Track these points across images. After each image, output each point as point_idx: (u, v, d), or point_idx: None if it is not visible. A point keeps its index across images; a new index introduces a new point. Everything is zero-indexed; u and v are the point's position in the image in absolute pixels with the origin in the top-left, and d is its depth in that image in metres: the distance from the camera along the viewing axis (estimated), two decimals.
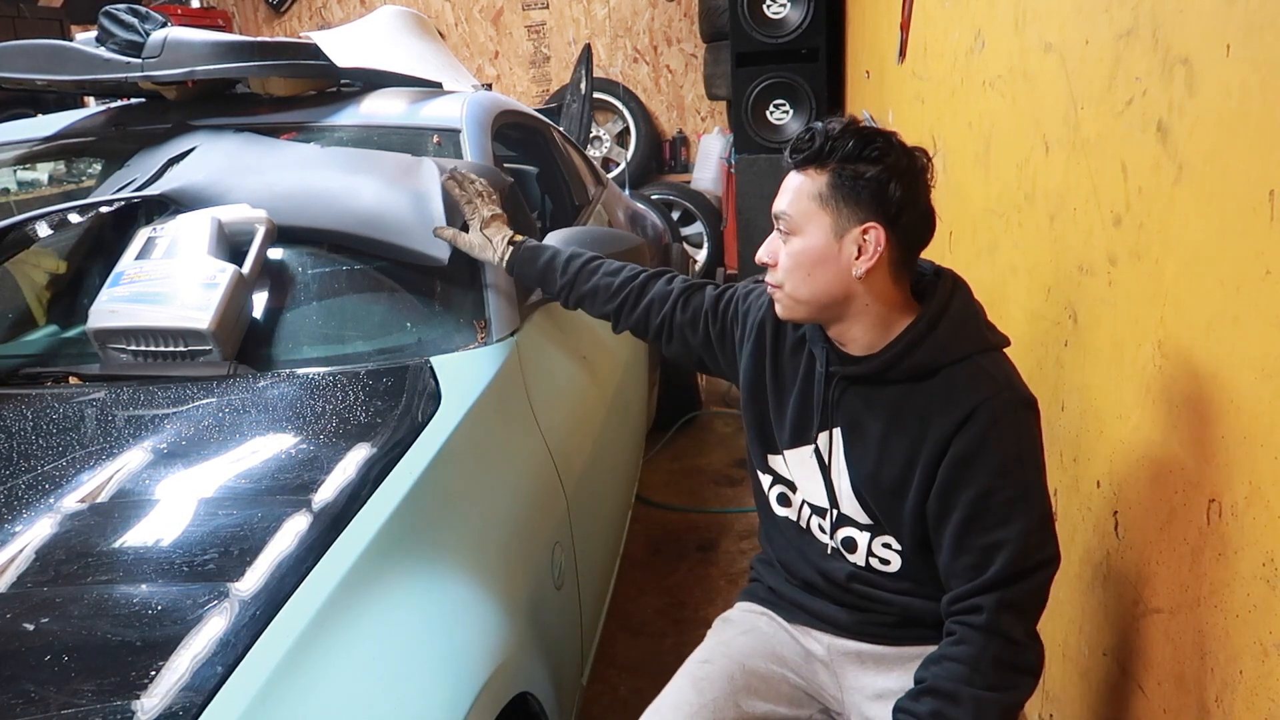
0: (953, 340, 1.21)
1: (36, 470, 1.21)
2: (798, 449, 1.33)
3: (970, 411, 1.17)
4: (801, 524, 1.38)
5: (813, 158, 1.18)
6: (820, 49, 4.22)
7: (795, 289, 1.21)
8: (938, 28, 2.46)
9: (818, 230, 1.18)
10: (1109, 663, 1.44)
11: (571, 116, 4.42)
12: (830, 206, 1.17)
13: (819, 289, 1.20)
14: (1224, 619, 1.09)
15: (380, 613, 1.05)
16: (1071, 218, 1.52)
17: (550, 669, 1.37)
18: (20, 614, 0.94)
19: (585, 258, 1.59)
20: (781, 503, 1.40)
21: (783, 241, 1.22)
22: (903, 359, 1.21)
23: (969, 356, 1.21)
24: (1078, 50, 1.49)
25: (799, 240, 1.20)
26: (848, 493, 1.29)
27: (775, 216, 1.23)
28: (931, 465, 1.20)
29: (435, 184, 1.70)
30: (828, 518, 1.33)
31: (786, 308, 1.25)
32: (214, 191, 1.73)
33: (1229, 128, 1.04)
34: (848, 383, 1.26)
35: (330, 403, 1.39)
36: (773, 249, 1.24)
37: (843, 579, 1.33)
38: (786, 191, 1.21)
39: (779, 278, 1.23)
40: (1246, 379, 1.02)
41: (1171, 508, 1.22)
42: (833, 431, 1.29)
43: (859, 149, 1.16)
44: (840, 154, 1.16)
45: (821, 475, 1.31)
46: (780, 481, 1.39)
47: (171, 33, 1.93)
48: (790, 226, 1.20)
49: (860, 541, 1.31)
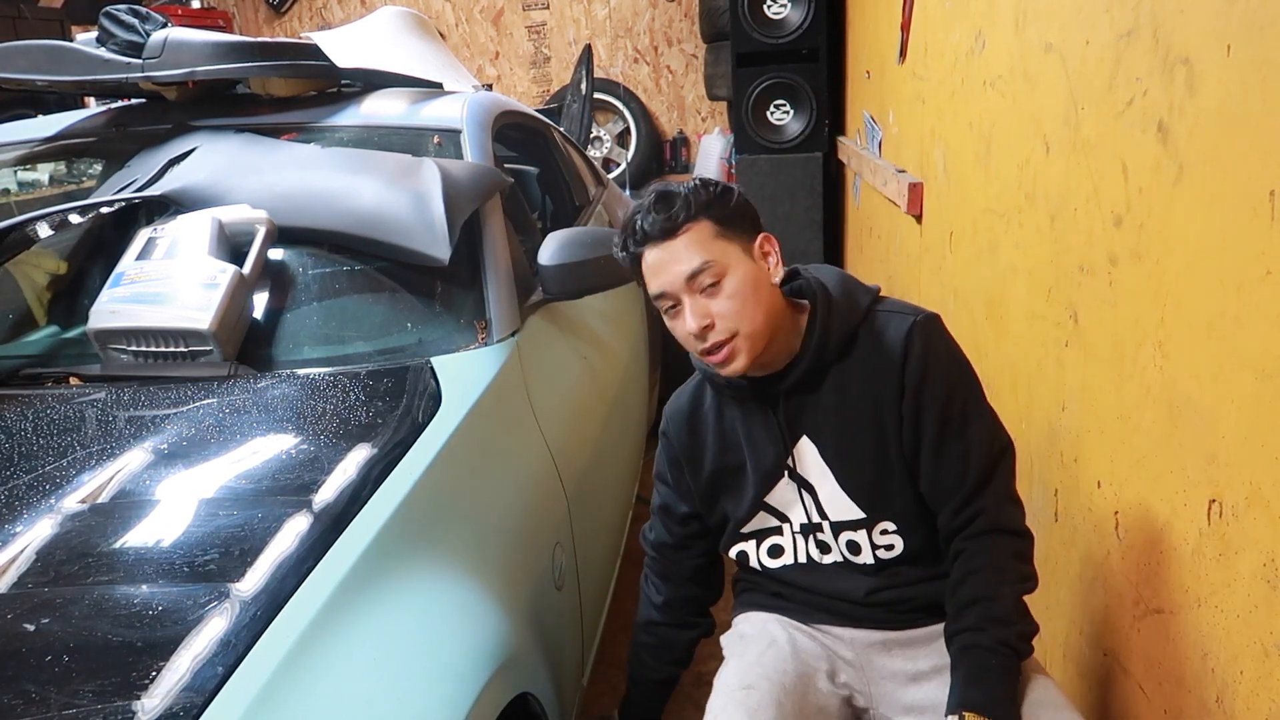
0: (850, 305, 1.29)
1: (37, 471, 1.21)
2: (775, 489, 1.34)
3: (904, 345, 1.25)
4: (800, 560, 1.37)
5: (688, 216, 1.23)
6: (821, 49, 4.22)
7: (752, 323, 1.22)
8: (938, 28, 2.46)
9: (737, 258, 1.23)
10: (1110, 663, 1.44)
11: (572, 117, 4.42)
12: (731, 236, 1.24)
13: (766, 310, 1.24)
14: (1225, 619, 1.09)
15: (381, 613, 1.05)
16: (1072, 218, 1.52)
17: (551, 669, 1.37)
18: (21, 614, 0.94)
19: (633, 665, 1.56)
20: (774, 554, 1.39)
21: (712, 295, 1.22)
22: (825, 344, 1.27)
23: (870, 309, 1.30)
24: (1078, 50, 1.49)
25: (732, 276, 1.22)
26: (834, 493, 1.31)
27: (691, 277, 1.21)
28: (894, 409, 1.27)
29: (436, 184, 1.70)
30: (825, 530, 1.34)
31: (748, 350, 1.23)
32: (214, 192, 1.73)
33: (1229, 128, 1.04)
34: (793, 395, 1.30)
35: (331, 403, 1.39)
36: (702, 311, 1.22)
37: (860, 596, 1.34)
38: (686, 249, 1.22)
39: (730, 326, 1.22)
40: (1247, 379, 1.02)
41: (1172, 508, 1.22)
42: (801, 447, 1.31)
43: (708, 194, 1.24)
44: (702, 202, 1.23)
45: (808, 495, 1.33)
46: (767, 534, 1.38)
47: (172, 33, 1.93)
48: (717, 271, 1.22)
49: (860, 540, 1.32)
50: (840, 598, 1.35)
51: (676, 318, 1.25)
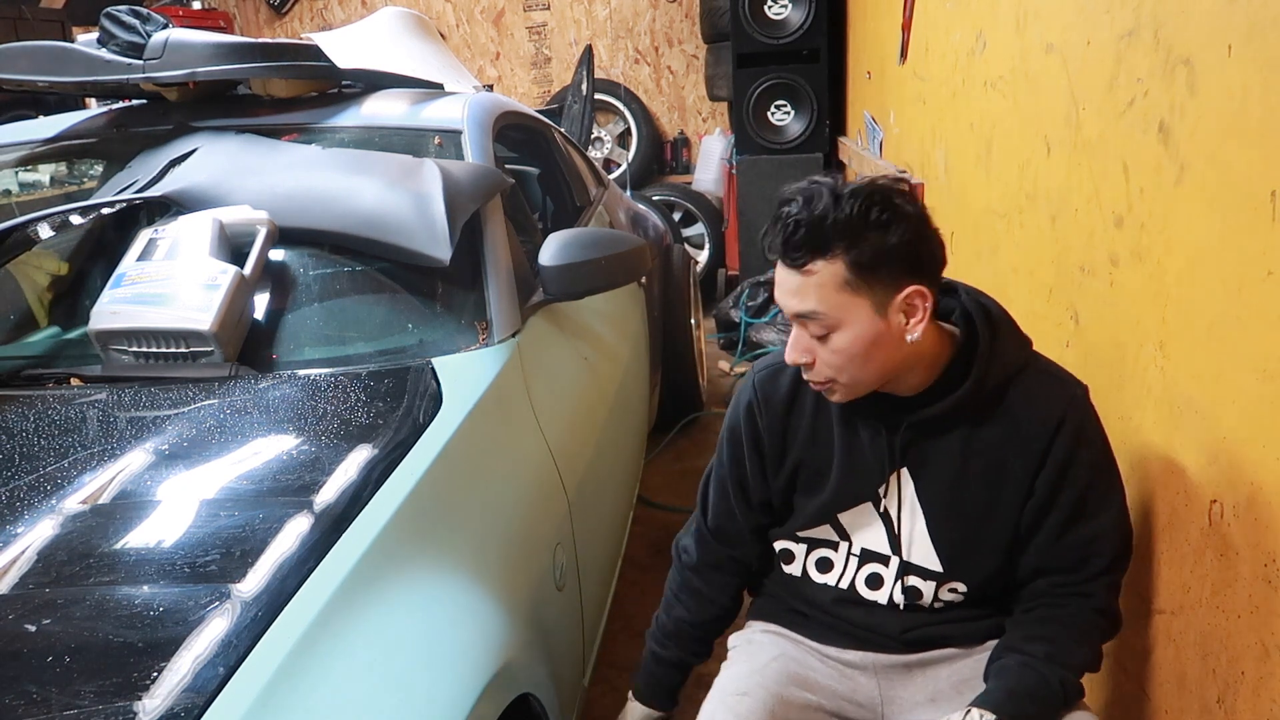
0: (1012, 353, 1.18)
1: (38, 471, 1.21)
2: (854, 509, 1.26)
3: (1061, 418, 1.16)
4: (844, 585, 1.30)
5: (815, 250, 1.07)
6: (821, 50, 4.22)
7: (856, 377, 1.14)
8: (939, 28, 2.46)
9: (860, 316, 1.09)
10: (1110, 664, 1.44)
11: (573, 117, 4.42)
12: (864, 288, 1.08)
13: (881, 367, 1.13)
14: (1226, 620, 1.09)
15: (382, 614, 1.05)
16: (1073, 218, 1.52)
17: (552, 670, 1.37)
18: (22, 615, 0.94)
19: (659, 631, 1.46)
20: (822, 568, 1.31)
21: (817, 339, 1.13)
22: (980, 389, 1.16)
23: (1027, 364, 1.19)
24: (1079, 51, 1.48)
25: (844, 334, 1.10)
26: (920, 538, 1.23)
27: (798, 317, 1.12)
28: (1025, 480, 1.18)
29: (437, 185, 1.70)
30: (889, 565, 1.26)
31: (847, 394, 1.16)
32: (215, 193, 1.73)
33: (1230, 128, 1.04)
34: (917, 426, 1.19)
35: (332, 404, 1.39)
36: (804, 347, 1.14)
37: (895, 633, 1.29)
38: (805, 291, 1.09)
39: (828, 374, 1.14)
40: (1248, 380, 1.02)
41: (1173, 509, 1.22)
42: (900, 477, 1.23)
43: (863, 219, 1.06)
44: (845, 235, 1.06)
45: (884, 525, 1.25)
46: (821, 545, 1.31)
47: (173, 34, 1.93)
48: (828, 324, 1.10)
49: (926, 590, 1.26)
50: (873, 630, 1.30)
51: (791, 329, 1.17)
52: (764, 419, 1.29)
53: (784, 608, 1.38)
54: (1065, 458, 1.16)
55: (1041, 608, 1.21)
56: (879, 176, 1.12)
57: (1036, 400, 1.17)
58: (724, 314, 4.42)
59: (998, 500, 1.20)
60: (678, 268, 3.44)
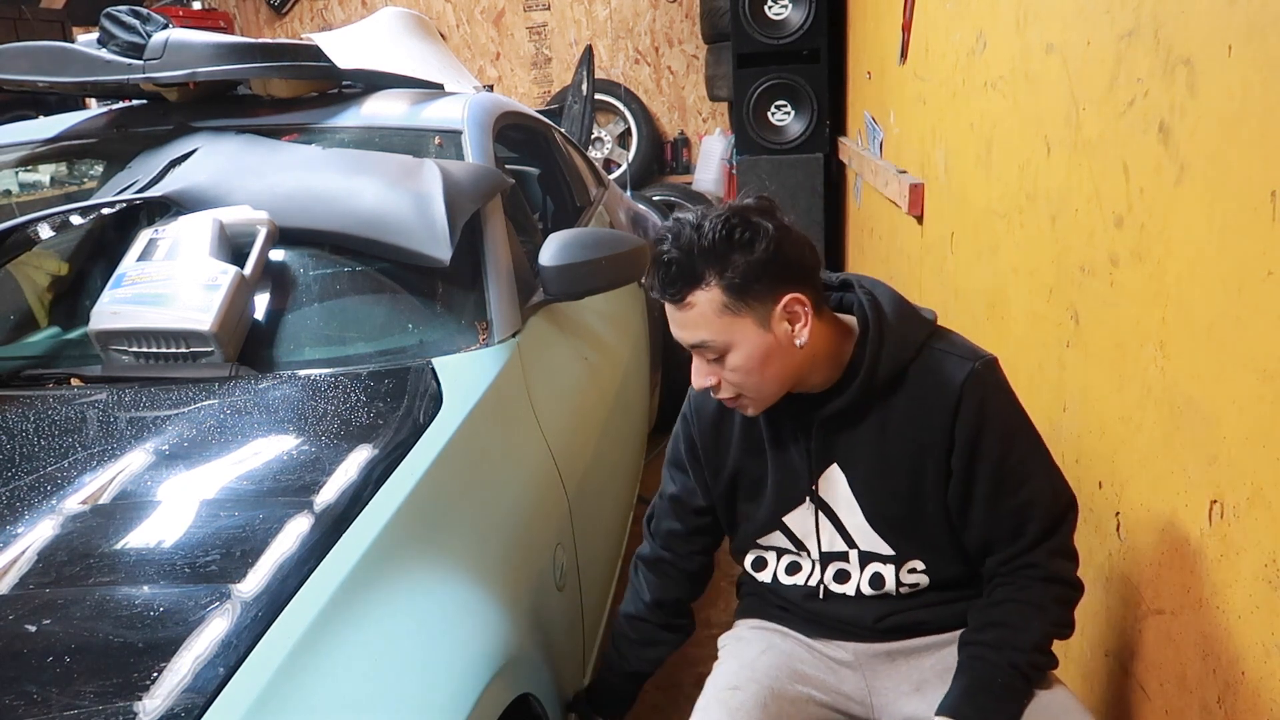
0: (905, 338, 1.21)
1: (39, 472, 1.21)
2: (794, 511, 1.31)
3: (959, 395, 1.18)
4: (812, 584, 1.33)
5: (689, 283, 1.13)
6: (822, 50, 4.22)
7: (760, 389, 1.19)
8: (939, 29, 2.46)
9: (747, 334, 1.15)
10: (1111, 664, 1.44)
11: (573, 118, 4.42)
12: (744, 307, 1.13)
13: (780, 375, 1.18)
14: (1226, 620, 1.09)
15: (382, 614, 1.05)
16: (1073, 218, 1.52)
17: (552, 670, 1.37)
18: (23, 615, 0.94)
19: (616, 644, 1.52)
20: (791, 571, 1.35)
21: (715, 362, 1.18)
22: (873, 377, 1.20)
23: (924, 344, 1.22)
24: (1079, 51, 1.48)
25: (737, 353, 1.16)
26: (862, 526, 1.27)
27: (692, 347, 1.18)
28: (941, 459, 1.21)
29: (437, 185, 1.70)
30: (850, 560, 1.30)
31: (758, 405, 1.22)
32: (216, 193, 1.73)
33: (1230, 128, 1.04)
34: (830, 421, 1.24)
35: (332, 404, 1.39)
36: (706, 372, 1.20)
37: (870, 622, 1.31)
38: (690, 322, 1.15)
39: (734, 390, 1.20)
40: (1248, 380, 1.02)
41: (1173, 509, 1.22)
42: (828, 474, 1.27)
43: (727, 242, 1.11)
44: (713, 262, 1.11)
45: (830, 521, 1.29)
46: (786, 551, 1.35)
47: (173, 34, 1.93)
48: (719, 349, 1.16)
49: (887, 575, 1.28)
50: (851, 623, 1.32)
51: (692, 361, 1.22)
52: (696, 429, 1.36)
53: (768, 604, 1.41)
54: (972, 433, 1.18)
55: (997, 589, 1.23)
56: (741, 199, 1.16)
57: (936, 377, 1.20)
58: None
59: (922, 480, 1.22)
60: None
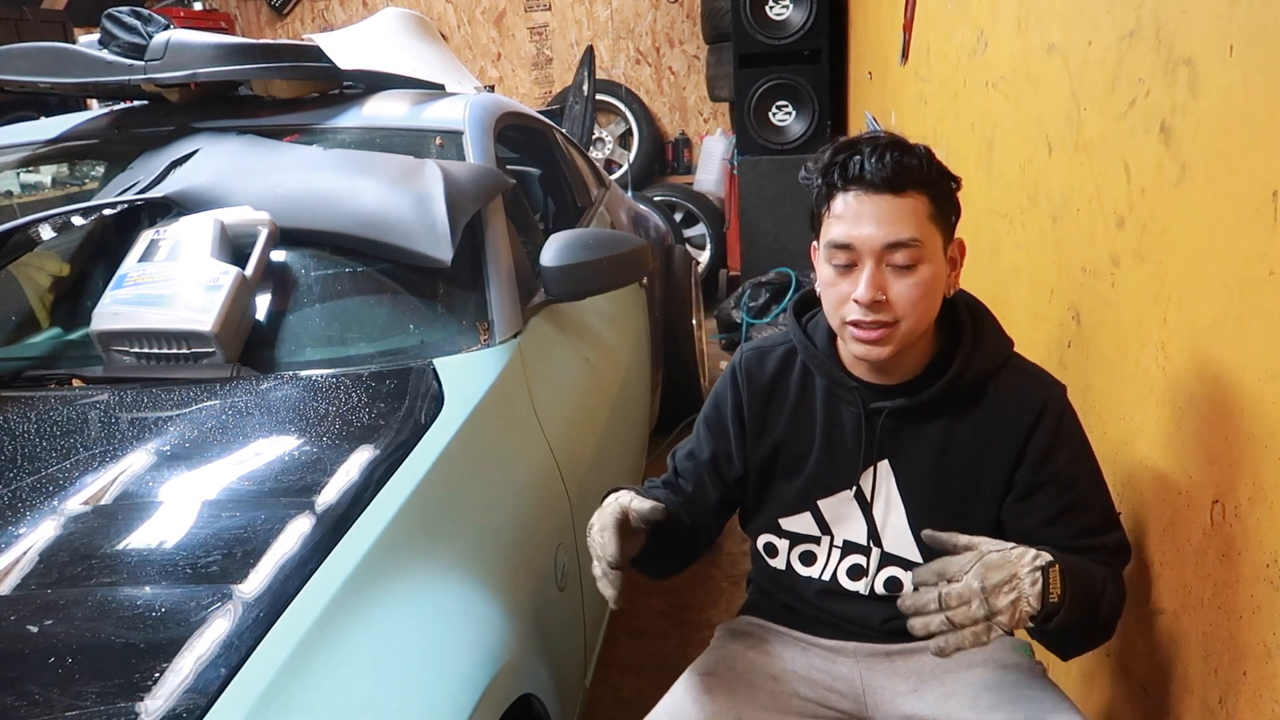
0: (994, 350, 1.20)
1: (40, 473, 1.21)
2: (832, 497, 1.27)
3: (1039, 413, 1.17)
4: (826, 578, 1.30)
5: (921, 180, 1.09)
6: (823, 50, 4.23)
7: (919, 322, 1.13)
8: (940, 29, 2.46)
9: (937, 253, 1.11)
10: (1112, 664, 1.44)
11: (574, 118, 4.42)
12: (941, 225, 1.11)
13: (931, 316, 1.14)
14: (1228, 620, 1.09)
15: (383, 615, 1.05)
16: (1074, 219, 1.52)
17: (553, 671, 1.37)
18: (24, 616, 0.94)
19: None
20: (806, 561, 1.31)
21: (899, 274, 1.10)
22: (959, 379, 1.17)
23: (1008, 360, 1.21)
24: (1080, 51, 1.48)
25: (928, 267, 1.10)
26: (899, 528, 1.24)
27: (890, 246, 1.09)
28: (1003, 473, 1.19)
29: (438, 186, 1.70)
30: (871, 556, 1.27)
31: (899, 343, 1.13)
32: (217, 194, 1.73)
33: (1232, 128, 1.04)
34: (896, 415, 1.20)
35: (333, 405, 1.39)
36: (881, 285, 1.10)
37: (876, 623, 1.29)
38: (901, 216, 1.08)
39: (901, 314, 1.11)
40: (1250, 380, 1.02)
41: (1175, 509, 1.21)
42: (879, 468, 1.23)
43: (940, 168, 1.11)
44: (935, 175, 1.11)
45: (864, 516, 1.26)
46: (803, 540, 1.30)
47: (174, 35, 1.93)
48: (917, 255, 1.09)
49: (906, 581, 1.25)
50: (856, 621, 1.31)
51: (843, 276, 1.12)
52: (746, 393, 1.30)
53: (774, 603, 1.39)
54: (1043, 452, 1.17)
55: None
56: None
57: (1014, 396, 1.19)
58: (725, 314, 4.43)
59: (975, 494, 1.21)
60: (679, 268, 3.44)
